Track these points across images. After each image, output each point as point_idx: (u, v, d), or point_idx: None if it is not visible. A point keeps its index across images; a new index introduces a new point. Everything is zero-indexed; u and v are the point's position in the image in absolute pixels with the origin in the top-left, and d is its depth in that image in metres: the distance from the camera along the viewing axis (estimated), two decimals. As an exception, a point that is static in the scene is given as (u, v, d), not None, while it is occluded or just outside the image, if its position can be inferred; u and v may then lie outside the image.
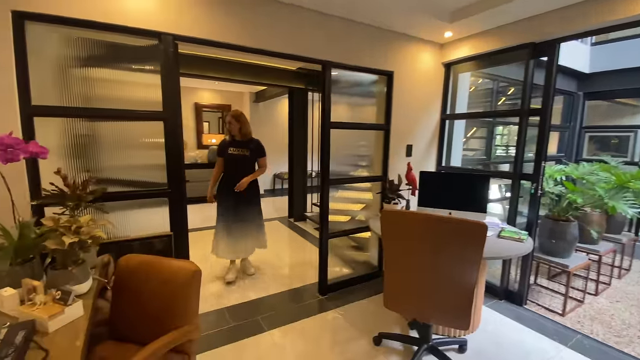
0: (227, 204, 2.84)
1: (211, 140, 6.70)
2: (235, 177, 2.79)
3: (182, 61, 3.99)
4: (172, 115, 1.88)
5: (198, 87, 6.38)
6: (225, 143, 2.84)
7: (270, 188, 7.51)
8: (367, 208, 3.09)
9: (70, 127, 1.73)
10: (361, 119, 2.94)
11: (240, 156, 2.80)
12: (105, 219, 1.35)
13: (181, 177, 1.98)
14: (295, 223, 4.91)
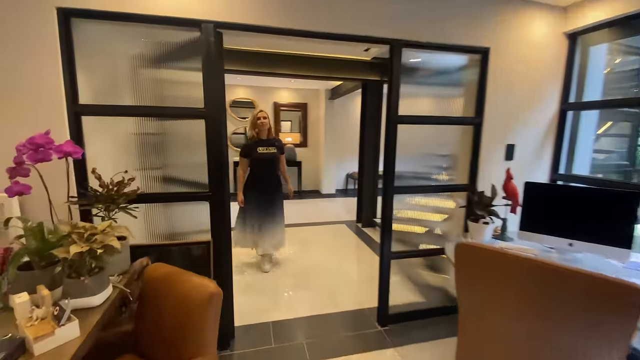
0: (254, 205, 2.88)
1: (287, 139, 6.77)
2: (266, 177, 2.88)
3: (252, 59, 4.03)
4: (215, 112, 1.71)
5: (277, 86, 6.49)
6: (252, 143, 2.86)
7: (342, 188, 7.23)
8: (450, 219, 2.49)
9: (117, 126, 1.72)
10: (443, 111, 2.36)
11: (270, 155, 2.86)
12: (124, 227, 1.25)
13: (223, 179, 1.82)
14: (363, 229, 4.50)
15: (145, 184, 1.78)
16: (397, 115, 1.99)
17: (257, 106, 6.52)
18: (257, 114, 2.96)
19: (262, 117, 2.91)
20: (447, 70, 2.29)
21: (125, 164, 1.72)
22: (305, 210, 5.66)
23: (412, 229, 2.60)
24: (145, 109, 1.67)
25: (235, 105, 6.44)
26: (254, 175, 2.91)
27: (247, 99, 6.46)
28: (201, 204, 1.80)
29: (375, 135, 4.43)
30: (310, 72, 4.11)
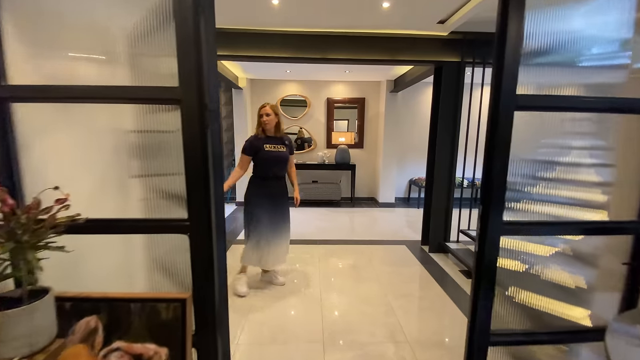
0: (262, 210, 2.53)
1: (340, 139, 6.03)
2: (273, 178, 2.55)
3: (298, 42, 3.37)
4: (197, 95, 1.05)
5: (331, 79, 5.80)
6: (259, 139, 2.50)
7: (404, 196, 6.21)
8: (604, 277, 1.45)
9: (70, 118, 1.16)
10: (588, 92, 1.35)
11: (279, 154, 2.52)
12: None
13: (209, 200, 1.14)
14: (430, 255, 3.52)
15: (100, 205, 1.20)
16: (513, 95, 1.09)
17: (310, 104, 5.90)
18: (260, 110, 2.52)
19: (265, 113, 2.49)
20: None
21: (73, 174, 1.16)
22: (356, 222, 4.84)
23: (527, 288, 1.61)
24: (83, 90, 1.07)
25: (286, 103, 5.92)
26: (261, 176, 2.55)
27: (298, 95, 5.89)
28: (177, 238, 1.16)
29: (452, 132, 3.42)
30: (369, 56, 3.31)
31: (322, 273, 3.01)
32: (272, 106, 2.51)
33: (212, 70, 1.14)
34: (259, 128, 2.52)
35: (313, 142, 6.04)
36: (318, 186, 5.77)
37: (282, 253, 2.67)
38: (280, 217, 2.61)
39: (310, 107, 5.92)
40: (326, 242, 3.88)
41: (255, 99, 5.84)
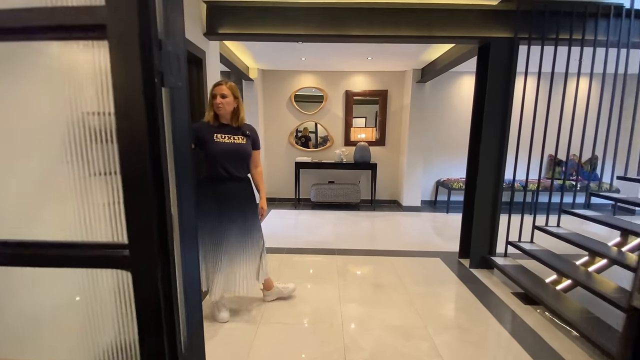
0: (214, 219, 1.98)
1: (359, 135, 5.50)
2: (227, 179, 1.98)
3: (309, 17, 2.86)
4: (136, 17, 0.56)
5: (350, 70, 5.27)
6: (206, 127, 1.94)
7: (431, 199, 5.61)
8: None
9: None
10: None
11: (234, 146, 1.96)
12: None
13: (163, 219, 0.65)
14: (472, 271, 2.94)
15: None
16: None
17: (327, 97, 5.39)
18: (214, 89, 1.93)
19: (220, 94, 1.91)
20: None
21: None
22: (379, 227, 4.29)
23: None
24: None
25: (300, 99, 5.43)
26: (210, 176, 1.97)
27: (314, 87, 5.39)
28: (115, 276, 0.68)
29: (501, 126, 2.83)
30: (398, 31, 2.77)
31: (342, 294, 2.49)
32: (231, 86, 1.95)
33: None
34: (210, 112, 1.95)
35: (330, 139, 5.53)
36: (335, 187, 5.25)
37: (252, 271, 2.10)
38: (243, 226, 2.04)
39: (327, 100, 5.41)
40: (345, 251, 3.37)
41: (268, 92, 5.38)
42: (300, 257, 3.20)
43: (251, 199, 2.12)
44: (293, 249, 3.40)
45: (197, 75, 2.71)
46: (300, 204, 5.51)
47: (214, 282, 1.99)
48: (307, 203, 5.54)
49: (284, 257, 3.18)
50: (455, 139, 5.37)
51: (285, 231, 4.09)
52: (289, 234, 3.95)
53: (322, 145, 5.61)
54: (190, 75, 2.69)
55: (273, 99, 5.41)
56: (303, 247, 3.46)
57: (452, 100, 5.31)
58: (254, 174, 2.19)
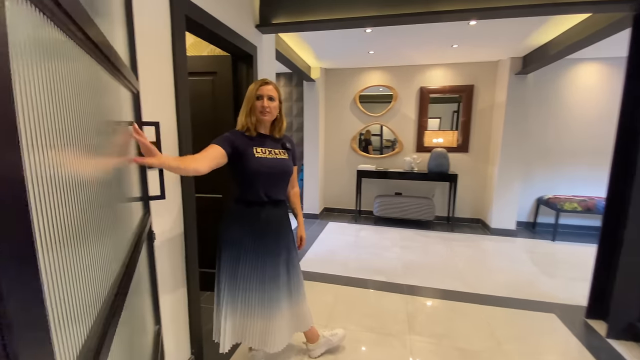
0: (248, 255, 1.50)
1: (435, 140, 4.66)
2: (268, 204, 1.51)
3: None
4: None
5: (427, 63, 4.48)
6: (242, 138, 1.46)
7: (528, 220, 4.47)
8: None
9: None
10: None
11: (278, 163, 1.50)
12: None
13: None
14: (610, 343, 1.98)
15: None
16: None
17: (397, 96, 4.69)
18: (258, 89, 1.47)
19: (267, 95, 1.47)
20: None
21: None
22: (460, 256, 3.43)
23: None
24: None
25: (366, 99, 4.82)
26: (248, 200, 1.51)
27: (382, 85, 4.74)
28: None
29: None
30: (511, 0, 2.00)
31: (414, 358, 1.84)
32: (277, 86, 1.53)
33: None
34: (248, 118, 1.48)
35: (398, 143, 4.80)
36: (403, 200, 4.51)
37: (294, 320, 1.63)
38: (286, 261, 1.59)
39: (396, 100, 4.70)
40: (417, 290, 2.67)
41: (330, 93, 4.91)
42: (360, 292, 2.61)
43: (290, 227, 1.66)
44: (352, 280, 2.83)
45: (246, 74, 2.33)
46: (361, 217, 4.91)
47: (243, 335, 1.54)
48: (369, 216, 4.91)
49: (340, 290, 2.63)
50: (567, 146, 4.16)
51: (344, 251, 3.54)
52: (349, 256, 3.39)
53: (388, 150, 4.91)
54: (236, 74, 2.32)
55: (336, 101, 4.92)
56: (364, 278, 2.86)
57: (563, 97, 4.12)
58: (291, 195, 1.74)
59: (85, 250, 0.53)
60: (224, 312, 1.51)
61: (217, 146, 1.38)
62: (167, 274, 1.48)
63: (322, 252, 3.48)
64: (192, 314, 1.67)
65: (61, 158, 0.43)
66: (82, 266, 0.51)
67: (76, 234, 0.49)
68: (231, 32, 1.97)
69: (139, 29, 1.16)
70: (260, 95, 1.46)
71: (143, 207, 1.20)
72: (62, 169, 0.43)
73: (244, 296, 1.50)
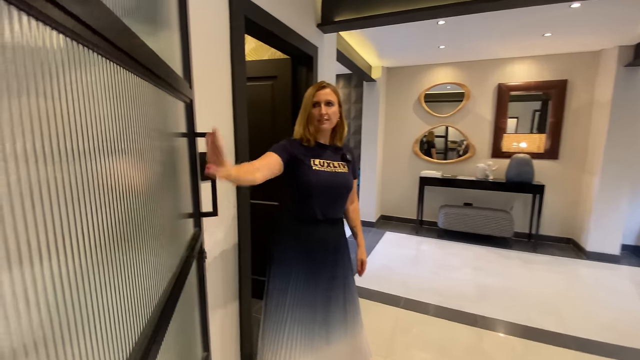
0: (300, 280, 1.31)
1: (516, 144, 4.04)
2: (325, 222, 1.32)
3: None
4: None
5: (509, 56, 3.91)
6: (302, 147, 1.30)
7: (637, 244, 3.62)
8: None
9: None
10: None
11: (336, 177, 1.31)
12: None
13: None
14: None
15: None
16: None
17: (469, 94, 4.19)
18: (313, 93, 1.30)
19: (325, 101, 1.28)
20: None
21: None
22: (545, 282, 2.87)
23: None
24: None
25: (432, 98, 4.40)
26: (304, 218, 1.34)
27: (452, 83, 4.28)
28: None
29: None
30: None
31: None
32: (336, 90, 1.34)
33: None
34: (306, 129, 1.31)
35: (470, 147, 4.29)
36: (474, 212, 4.00)
37: (351, 353, 1.42)
38: (343, 286, 1.40)
39: (469, 98, 4.20)
40: (495, 324, 2.27)
41: (392, 93, 4.60)
42: (423, 320, 2.31)
43: (347, 248, 1.47)
44: (413, 303, 2.53)
45: (305, 78, 2.20)
46: (423, 228, 4.50)
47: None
48: (433, 228, 4.47)
49: (399, 315, 2.36)
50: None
51: (403, 267, 3.23)
52: (409, 273, 3.08)
53: (452, 153, 4.42)
54: (295, 78, 2.20)
55: (397, 101, 4.59)
56: (428, 302, 2.54)
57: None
58: (350, 211, 1.54)
59: (131, 265, 0.52)
60: (267, 344, 1.37)
61: (275, 154, 1.24)
62: (218, 296, 1.40)
63: (379, 267, 3.21)
64: (243, 341, 1.59)
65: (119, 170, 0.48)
66: (124, 284, 0.49)
67: (126, 246, 0.50)
68: (292, 32, 1.85)
69: (194, 30, 1.07)
70: (317, 102, 1.30)
71: (194, 223, 1.12)
72: (113, 180, 0.46)
73: (291, 327, 1.34)
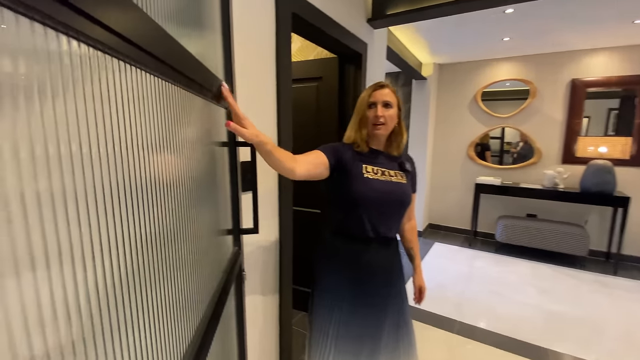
0: (344, 307, 1.14)
1: (593, 148, 3.49)
2: (376, 241, 1.14)
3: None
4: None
5: (588, 47, 3.38)
6: (354, 152, 1.14)
7: None
8: None
9: None
10: None
11: (392, 188, 1.13)
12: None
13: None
14: None
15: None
16: None
17: (536, 92, 3.72)
18: (370, 94, 1.14)
19: (383, 102, 1.12)
20: None
21: None
22: (627, 317, 2.39)
23: None
24: None
25: (489, 96, 3.98)
26: (351, 235, 1.15)
27: (515, 79, 3.82)
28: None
29: None
30: None
31: None
32: (394, 89, 1.16)
33: None
34: (358, 133, 1.15)
35: (535, 151, 3.80)
36: (539, 225, 3.53)
37: None
38: (395, 318, 1.20)
39: (535, 96, 3.72)
40: (565, 359, 1.92)
41: (444, 92, 4.25)
42: (483, 350, 2.03)
43: (402, 272, 1.27)
44: (469, 329, 2.25)
45: (353, 77, 2.04)
46: (477, 240, 4.09)
47: None
48: (489, 241, 4.05)
49: (454, 342, 2.10)
50: None
51: (456, 284, 2.92)
52: (463, 292, 2.77)
53: (507, 156, 3.95)
54: (342, 79, 2.05)
55: (451, 100, 4.23)
56: (486, 329, 2.24)
57: None
58: (406, 229, 1.34)
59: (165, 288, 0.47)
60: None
61: (322, 153, 1.10)
62: (257, 321, 1.31)
63: (429, 283, 2.92)
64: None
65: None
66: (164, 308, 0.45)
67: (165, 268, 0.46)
68: (341, 29, 1.70)
69: (237, 29, 0.97)
70: (373, 103, 1.13)
71: (234, 241, 1.03)
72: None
73: (336, 359, 1.19)
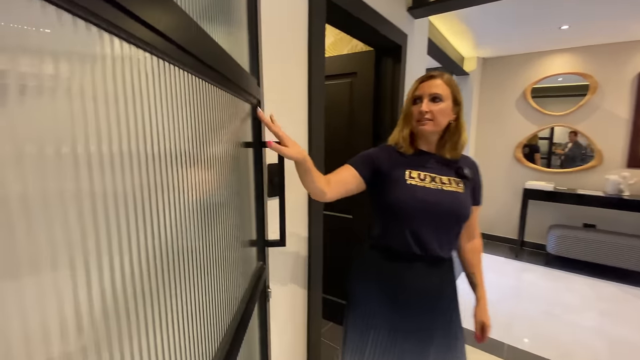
0: (381, 334, 0.97)
1: (672, 149, 3.01)
2: (416, 257, 0.94)
3: None
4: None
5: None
6: (392, 155, 0.99)
7: None
8: None
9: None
10: None
11: (443, 197, 0.93)
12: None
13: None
14: None
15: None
16: None
17: (596, 87, 3.30)
18: (416, 86, 0.96)
19: (430, 92, 0.92)
20: None
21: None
22: None
23: None
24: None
25: (540, 92, 3.59)
26: (391, 249, 0.97)
27: (572, 73, 3.42)
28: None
29: None
30: None
31: None
32: (450, 81, 0.97)
33: None
34: (403, 131, 1.00)
35: (595, 153, 3.37)
36: (599, 237, 3.12)
37: None
38: (442, 355, 0.99)
39: (595, 92, 3.30)
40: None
41: (488, 88, 3.91)
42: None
43: (457, 300, 1.08)
44: (522, 355, 1.99)
45: (391, 72, 1.87)
46: (524, 251, 3.71)
47: None
48: (539, 252, 3.66)
49: (502, 367, 1.87)
50: None
51: (503, 301, 2.63)
52: (513, 312, 2.48)
53: (556, 157, 3.53)
54: (378, 74, 1.89)
55: (496, 97, 3.89)
56: (543, 356, 1.97)
57: None
58: (467, 250, 1.12)
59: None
60: None
61: (352, 168, 0.97)
62: (282, 344, 1.20)
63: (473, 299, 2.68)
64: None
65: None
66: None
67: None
68: (379, 17, 1.55)
69: (266, 20, 0.86)
70: (418, 97, 0.96)
71: (258, 255, 0.92)
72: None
73: None
